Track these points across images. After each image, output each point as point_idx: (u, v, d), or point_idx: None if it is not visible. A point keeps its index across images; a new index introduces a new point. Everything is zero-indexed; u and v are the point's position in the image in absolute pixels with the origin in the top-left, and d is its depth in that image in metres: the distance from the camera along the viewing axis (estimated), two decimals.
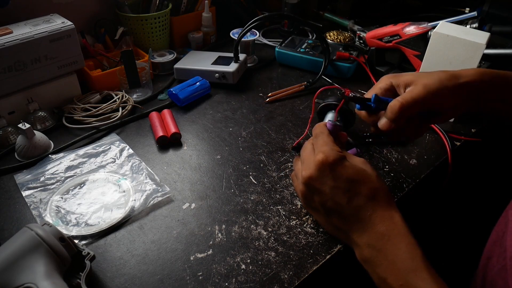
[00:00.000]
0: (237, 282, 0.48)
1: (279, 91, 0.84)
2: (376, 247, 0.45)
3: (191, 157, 0.68)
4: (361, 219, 0.46)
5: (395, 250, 0.44)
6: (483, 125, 0.75)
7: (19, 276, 0.41)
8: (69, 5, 0.86)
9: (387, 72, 0.90)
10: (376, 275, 0.45)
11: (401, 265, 0.43)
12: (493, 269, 0.45)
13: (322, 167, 0.47)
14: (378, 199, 0.47)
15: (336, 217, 0.49)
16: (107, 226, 0.54)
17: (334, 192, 0.47)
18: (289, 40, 0.98)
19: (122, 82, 0.81)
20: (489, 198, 0.89)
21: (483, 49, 0.69)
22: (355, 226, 0.47)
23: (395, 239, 0.44)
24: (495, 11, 1.03)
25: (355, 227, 0.47)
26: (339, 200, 0.47)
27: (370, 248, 0.45)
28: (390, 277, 0.43)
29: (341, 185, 0.47)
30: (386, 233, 0.45)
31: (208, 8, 0.98)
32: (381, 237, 0.45)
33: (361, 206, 0.46)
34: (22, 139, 0.65)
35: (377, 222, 0.45)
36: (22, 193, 0.59)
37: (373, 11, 1.17)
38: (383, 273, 0.44)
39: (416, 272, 0.42)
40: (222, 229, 0.55)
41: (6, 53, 0.65)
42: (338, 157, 0.47)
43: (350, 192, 0.47)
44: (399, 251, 0.43)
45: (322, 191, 0.48)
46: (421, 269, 0.41)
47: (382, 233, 0.45)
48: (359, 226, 0.47)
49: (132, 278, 0.48)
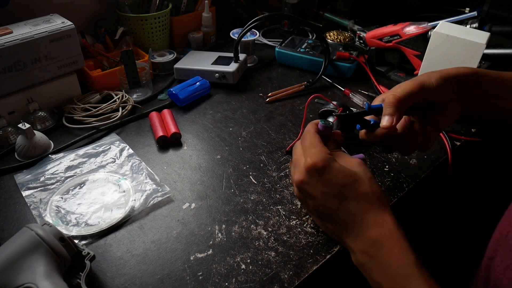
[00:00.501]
0: (237, 282, 0.48)
1: (279, 91, 0.84)
2: (369, 253, 0.44)
3: (191, 157, 0.68)
4: (353, 224, 0.46)
5: (388, 256, 0.43)
6: (483, 125, 0.75)
7: (19, 276, 0.41)
8: (69, 5, 0.86)
9: (387, 72, 0.90)
10: (371, 280, 0.45)
11: (395, 271, 0.42)
12: (496, 268, 0.45)
13: (311, 172, 0.47)
14: (371, 203, 0.46)
15: (329, 222, 0.49)
16: (107, 226, 0.54)
17: (325, 197, 0.47)
18: (289, 40, 0.98)
19: (122, 82, 0.81)
20: (489, 198, 0.89)
21: (483, 49, 0.69)
22: (348, 231, 0.46)
23: (388, 245, 0.43)
24: (495, 11, 1.03)
25: (348, 232, 0.46)
26: (330, 205, 0.47)
27: (363, 254, 0.45)
28: (384, 282, 0.43)
29: (331, 190, 0.46)
30: (378, 239, 0.44)
31: (208, 8, 0.98)
32: (374, 243, 0.44)
33: (352, 210, 0.46)
34: (22, 139, 0.65)
35: (369, 227, 0.45)
36: (22, 193, 0.59)
37: (373, 11, 1.17)
38: (377, 278, 0.44)
39: (410, 278, 0.41)
40: (222, 229, 0.55)
41: (6, 53, 0.65)
42: (326, 161, 0.46)
43: (340, 196, 0.46)
44: (392, 257, 0.43)
45: (314, 196, 0.48)
46: (414, 276, 0.41)
47: (374, 239, 0.44)
48: (352, 231, 0.46)
49: (132, 278, 0.48)
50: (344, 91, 0.85)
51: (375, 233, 0.44)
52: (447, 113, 0.56)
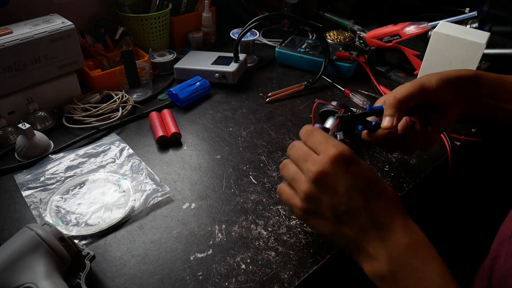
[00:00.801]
0: (237, 282, 0.48)
1: (279, 91, 0.84)
2: (400, 260, 0.39)
3: (191, 157, 0.68)
4: (380, 227, 0.40)
5: (423, 265, 0.38)
6: (483, 125, 0.75)
7: (19, 276, 0.41)
8: (69, 5, 0.86)
9: (387, 72, 0.90)
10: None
11: (430, 283, 0.37)
12: (500, 269, 0.45)
13: (338, 162, 0.40)
14: (398, 205, 0.41)
15: (349, 225, 0.41)
16: (107, 226, 0.54)
17: (350, 193, 0.40)
18: (289, 40, 0.98)
19: (122, 82, 0.81)
20: (489, 198, 0.89)
21: (483, 49, 0.69)
22: (372, 234, 0.40)
23: (422, 253, 0.39)
24: (495, 11, 1.03)
25: (371, 236, 0.40)
26: (355, 203, 0.40)
27: (391, 262, 0.39)
28: None
29: (359, 185, 0.41)
30: (411, 245, 0.39)
31: (208, 8, 0.98)
32: (405, 249, 0.39)
33: (381, 210, 0.40)
34: (22, 139, 0.65)
35: (400, 231, 0.39)
36: (22, 193, 0.59)
37: (373, 11, 1.17)
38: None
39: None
40: (222, 229, 0.55)
41: (6, 53, 0.65)
42: (353, 152, 0.41)
43: (369, 193, 0.41)
44: (427, 267, 0.38)
45: (337, 191, 0.41)
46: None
47: (406, 244, 0.39)
48: (377, 235, 0.40)
49: (132, 278, 0.48)
50: (344, 91, 0.85)
51: (407, 238, 0.39)
52: (448, 114, 0.56)
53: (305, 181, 0.42)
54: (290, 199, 0.45)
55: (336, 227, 0.42)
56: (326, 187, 0.41)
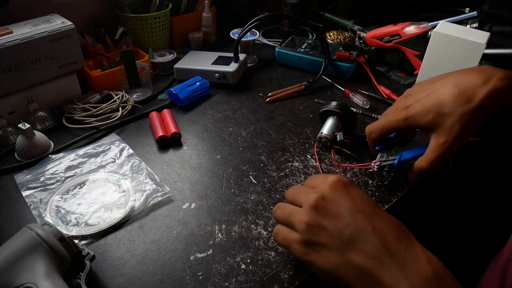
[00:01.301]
0: (237, 282, 0.48)
1: (279, 91, 0.84)
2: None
3: (191, 157, 0.68)
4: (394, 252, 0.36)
5: None
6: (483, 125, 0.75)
7: (19, 276, 0.41)
8: (69, 5, 0.86)
9: (387, 72, 0.90)
10: None
11: None
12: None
13: (337, 186, 0.40)
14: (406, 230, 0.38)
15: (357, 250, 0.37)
16: (107, 226, 0.54)
17: (354, 215, 0.38)
18: (289, 40, 0.98)
19: (122, 82, 0.81)
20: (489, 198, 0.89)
21: (483, 49, 0.69)
22: (387, 261, 0.36)
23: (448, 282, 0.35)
24: (495, 11, 1.03)
25: (386, 263, 0.36)
26: (361, 225, 0.37)
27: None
28: None
29: (361, 206, 0.39)
30: (436, 274, 0.35)
31: (208, 8, 0.98)
32: (430, 279, 0.34)
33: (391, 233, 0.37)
34: (22, 139, 0.65)
35: (418, 257, 0.36)
36: (22, 193, 0.59)
37: (373, 11, 1.17)
38: None
39: None
40: (222, 229, 0.55)
41: (6, 53, 0.65)
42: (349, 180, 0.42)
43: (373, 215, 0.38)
44: None
45: (339, 214, 0.39)
46: None
47: (431, 273, 0.35)
48: (393, 262, 0.36)
49: (132, 278, 0.48)
50: (344, 91, 0.85)
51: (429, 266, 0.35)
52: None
53: (304, 211, 0.41)
54: (287, 236, 0.42)
55: (343, 257, 0.38)
56: (328, 212, 0.39)
